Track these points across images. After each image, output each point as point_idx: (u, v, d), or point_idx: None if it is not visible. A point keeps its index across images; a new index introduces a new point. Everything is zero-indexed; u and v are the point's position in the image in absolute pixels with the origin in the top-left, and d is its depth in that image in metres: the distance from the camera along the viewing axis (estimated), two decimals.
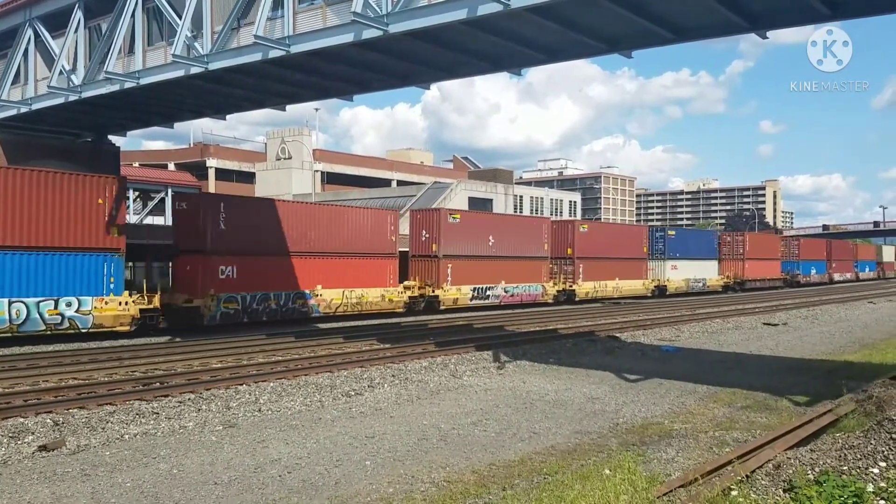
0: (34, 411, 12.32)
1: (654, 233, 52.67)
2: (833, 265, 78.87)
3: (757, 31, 16.54)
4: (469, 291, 36.59)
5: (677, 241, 53.10)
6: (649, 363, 18.79)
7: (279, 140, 78.17)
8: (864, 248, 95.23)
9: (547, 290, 41.82)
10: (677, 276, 52.15)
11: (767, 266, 63.76)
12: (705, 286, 55.53)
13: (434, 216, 36.17)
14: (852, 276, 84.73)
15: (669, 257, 51.44)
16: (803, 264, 71.47)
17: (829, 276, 77.44)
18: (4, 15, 27.46)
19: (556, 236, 43.19)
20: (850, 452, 8.04)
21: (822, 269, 76.07)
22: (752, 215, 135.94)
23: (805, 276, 71.53)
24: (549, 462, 9.48)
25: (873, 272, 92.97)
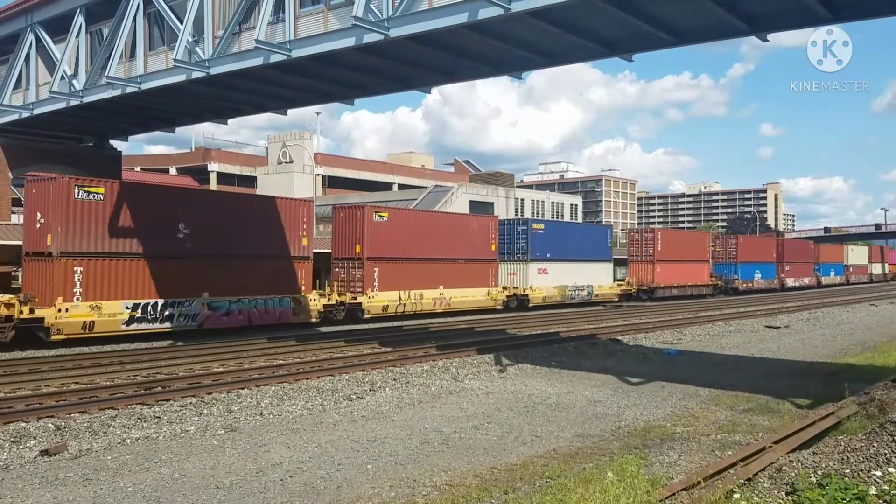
0: (36, 416, 12.31)
1: (514, 226, 41.02)
2: (786, 268, 68.67)
3: (757, 33, 16.58)
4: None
5: (548, 237, 41.36)
6: (651, 366, 18.76)
7: (280, 144, 78.17)
8: (829, 249, 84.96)
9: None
10: (547, 283, 40.77)
11: (690, 270, 53.74)
12: (591, 295, 44.64)
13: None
14: (812, 280, 74.12)
15: (535, 258, 40.05)
16: (743, 267, 61.17)
17: (781, 282, 67.10)
18: (6, 20, 27.56)
19: (342, 229, 32.03)
20: (853, 455, 8.03)
21: (769, 274, 65.58)
22: (754, 218, 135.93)
23: (746, 281, 61.10)
24: (552, 465, 9.47)
25: (840, 276, 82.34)
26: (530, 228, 40.54)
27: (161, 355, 20.06)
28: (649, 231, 53.66)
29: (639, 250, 50.89)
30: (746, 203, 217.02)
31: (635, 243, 51.68)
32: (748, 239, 70.75)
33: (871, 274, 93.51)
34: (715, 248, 60.50)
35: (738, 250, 61.14)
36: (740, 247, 61.76)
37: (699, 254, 56.30)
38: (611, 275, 47.61)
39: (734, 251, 61.06)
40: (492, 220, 39.06)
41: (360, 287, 30.67)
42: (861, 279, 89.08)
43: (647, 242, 51.02)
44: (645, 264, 50.36)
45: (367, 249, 30.96)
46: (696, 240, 59.59)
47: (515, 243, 40.23)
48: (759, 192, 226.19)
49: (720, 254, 60.37)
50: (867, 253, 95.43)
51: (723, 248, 61.29)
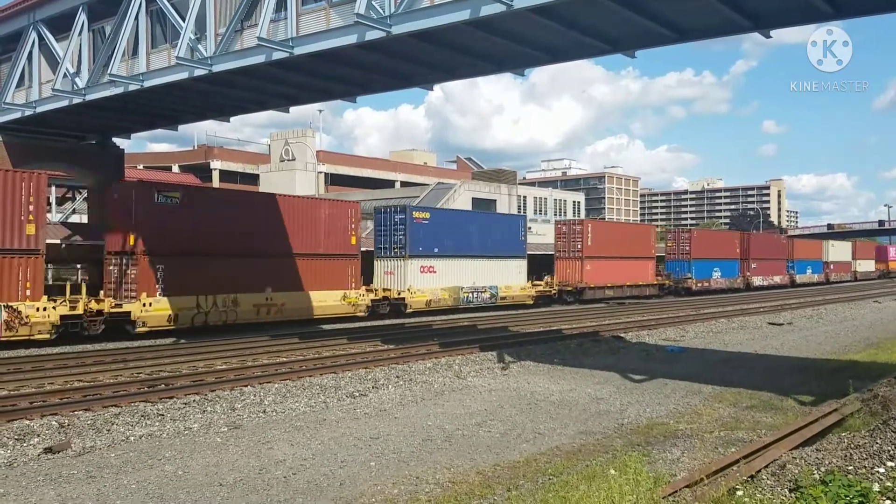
0: (39, 413, 12.35)
1: (391, 216, 33.79)
2: (751, 266, 61.43)
3: (760, 30, 16.53)
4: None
5: (436, 228, 34.56)
6: (654, 363, 18.76)
7: (283, 142, 78.23)
8: (805, 244, 77.91)
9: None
10: (434, 285, 34.12)
11: (629, 267, 47.43)
12: (496, 298, 37.86)
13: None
14: (784, 279, 67.16)
15: (417, 254, 33.48)
16: (699, 264, 54.29)
17: (745, 281, 60.25)
18: (8, 18, 27.55)
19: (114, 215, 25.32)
20: (856, 452, 8.02)
21: (731, 271, 58.80)
22: (757, 215, 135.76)
23: (701, 280, 54.23)
24: (554, 463, 9.48)
25: (818, 275, 75.03)
26: (409, 218, 33.57)
27: (164, 353, 20.10)
28: (577, 223, 45.75)
29: (566, 245, 44.36)
30: (749, 200, 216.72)
31: (562, 237, 44.73)
32: (704, 233, 63.63)
33: (856, 272, 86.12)
34: (667, 244, 55.07)
35: (692, 245, 54.16)
36: (694, 241, 54.74)
37: (641, 249, 49.39)
38: (524, 274, 40.47)
39: (687, 246, 54.11)
40: (351, 207, 31.76)
41: (133, 292, 23.92)
42: (844, 277, 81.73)
43: (575, 236, 44.05)
44: (572, 261, 43.85)
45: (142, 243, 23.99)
46: (638, 233, 52.36)
47: (392, 236, 33.62)
48: (763, 189, 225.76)
49: (673, 249, 54.33)
50: (851, 249, 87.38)
51: (675, 243, 54.73)
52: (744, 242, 61.67)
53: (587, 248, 43.93)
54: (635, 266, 48.33)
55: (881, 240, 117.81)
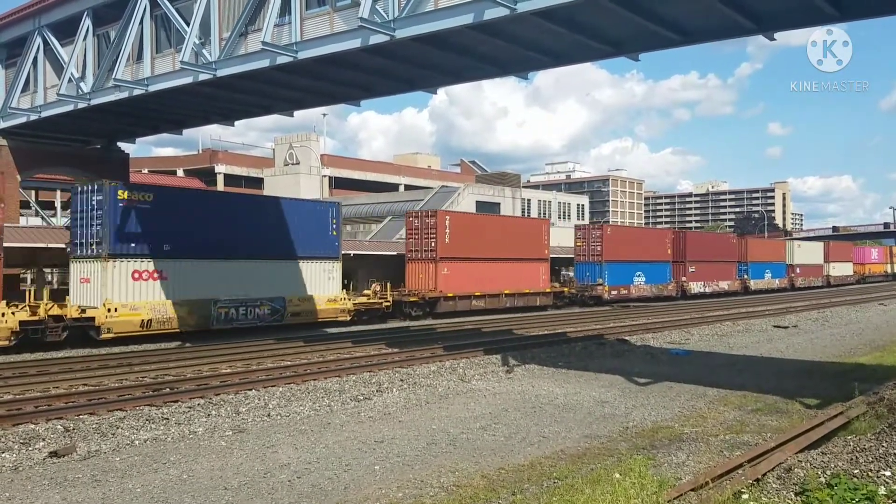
0: (45, 417, 12.37)
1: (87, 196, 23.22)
2: (689, 269, 51.79)
3: (764, 32, 16.53)
4: None
5: (165, 215, 24.13)
6: (659, 366, 18.72)
7: (287, 146, 78.40)
8: (761, 244, 68.42)
9: None
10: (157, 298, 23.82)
11: (510, 272, 37.49)
12: (282, 314, 27.29)
13: None
14: (735, 285, 57.64)
15: (124, 253, 23.10)
16: (613, 268, 44.76)
17: (680, 287, 50.77)
18: (14, 23, 27.69)
19: None
20: (862, 455, 8.00)
21: (661, 276, 49.19)
22: (762, 217, 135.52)
23: (617, 286, 44.91)
24: (559, 466, 9.46)
25: (780, 279, 65.18)
26: (113, 199, 22.75)
27: (169, 357, 20.12)
28: (430, 214, 34.50)
29: (419, 244, 34.02)
30: (754, 202, 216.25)
31: (414, 234, 34.27)
32: (620, 230, 53.81)
33: (829, 276, 75.53)
34: (575, 243, 45.96)
35: (605, 244, 44.45)
36: (608, 239, 44.89)
37: (529, 249, 39.39)
38: (337, 281, 29.75)
39: (598, 246, 44.52)
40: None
41: None
42: (814, 282, 71.81)
43: (429, 231, 33.66)
44: (425, 264, 33.79)
45: None
46: (524, 230, 40.73)
47: (89, 227, 23.20)
48: (767, 192, 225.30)
49: (582, 250, 45.32)
50: (822, 250, 76.74)
51: (584, 242, 45.32)
52: (678, 242, 52.13)
53: (443, 247, 33.61)
54: (519, 270, 38.35)
55: (886, 242, 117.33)
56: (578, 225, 47.18)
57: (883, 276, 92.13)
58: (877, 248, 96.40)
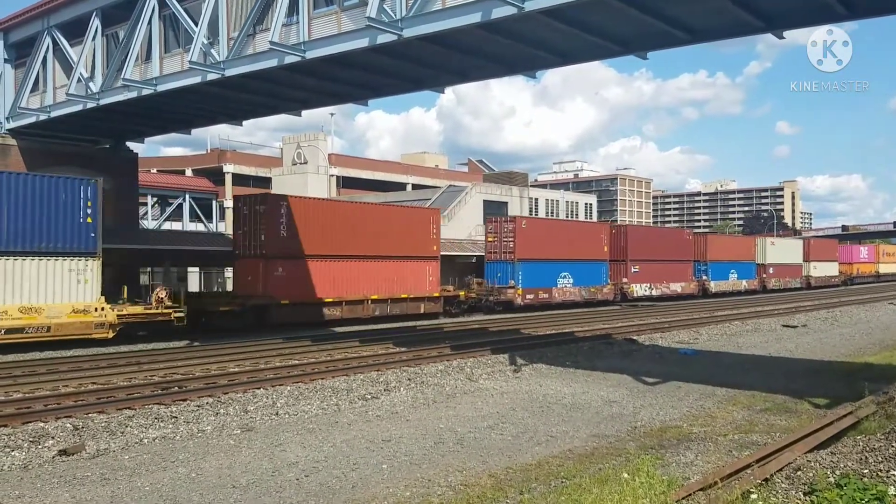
0: (54, 416, 12.42)
1: None
2: (632, 269, 45.40)
3: (773, 31, 16.47)
4: None
5: None
6: (667, 366, 18.67)
7: (295, 145, 78.50)
8: (726, 241, 62.33)
9: None
10: None
11: (381, 273, 30.85)
12: None
13: None
14: (690, 287, 50.68)
15: None
16: (530, 268, 37.86)
17: (619, 291, 44.40)
18: (23, 23, 27.83)
19: None
20: (872, 455, 7.96)
21: (592, 277, 42.29)
22: (771, 216, 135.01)
23: (536, 289, 38.12)
24: (567, 466, 9.45)
25: (748, 280, 58.28)
26: None
27: (178, 355, 20.19)
28: (261, 200, 27.47)
29: (248, 239, 27.32)
30: (763, 202, 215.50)
31: (243, 223, 27.51)
32: (539, 223, 43.54)
33: (809, 276, 68.10)
34: (487, 239, 39.08)
35: (518, 240, 37.41)
36: (521, 235, 37.61)
37: (411, 245, 32.53)
38: (92, 285, 22.09)
39: (511, 241, 37.59)
40: None
41: None
42: (790, 284, 64.38)
43: (260, 220, 26.93)
44: (253, 262, 27.13)
45: None
46: (402, 221, 32.96)
47: None
48: (776, 191, 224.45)
49: (494, 247, 38.19)
50: (802, 248, 69.17)
51: (496, 238, 38.19)
52: (618, 238, 45.36)
53: (276, 241, 26.96)
54: (397, 271, 31.66)
55: (895, 241, 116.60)
56: (489, 217, 39.83)
57: (873, 277, 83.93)
58: (866, 246, 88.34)
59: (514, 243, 37.56)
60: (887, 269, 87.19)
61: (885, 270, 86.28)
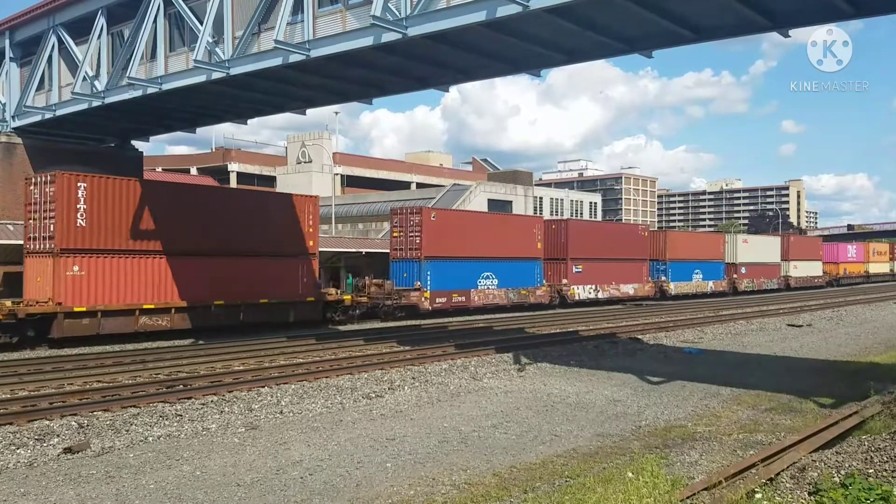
0: (59, 414, 12.46)
1: None
2: (573, 269, 40.45)
3: (778, 29, 16.39)
4: None
5: None
6: (672, 365, 18.65)
7: (300, 144, 78.68)
8: (689, 238, 56.55)
9: None
10: None
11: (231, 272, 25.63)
12: None
13: None
14: (645, 289, 45.96)
15: None
16: (443, 267, 32.94)
17: (556, 293, 39.47)
18: (29, 22, 27.89)
19: None
20: (877, 455, 7.94)
21: (526, 278, 37.64)
22: (776, 215, 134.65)
23: (449, 292, 33.28)
24: (571, 465, 9.44)
25: (716, 282, 53.09)
26: None
27: (183, 354, 20.22)
28: (51, 181, 22.19)
29: (38, 226, 22.49)
30: (768, 201, 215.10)
31: (33, 210, 22.62)
32: (454, 216, 37.52)
33: (789, 277, 62.70)
34: (392, 234, 34.18)
35: (425, 236, 32.47)
36: (430, 229, 32.64)
37: (277, 240, 27.51)
38: None
39: (417, 237, 32.51)
40: None
41: None
42: (766, 285, 59.18)
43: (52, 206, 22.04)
44: (42, 260, 22.36)
45: None
46: (265, 209, 27.90)
47: None
48: (782, 190, 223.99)
49: (400, 243, 33.21)
50: (779, 246, 62.98)
51: (402, 233, 33.13)
52: (558, 234, 40.54)
53: (71, 232, 22.07)
54: (256, 271, 26.46)
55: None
56: (395, 208, 35.20)
57: (863, 278, 77.47)
58: (855, 244, 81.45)
59: (421, 238, 32.44)
60: (878, 268, 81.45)
61: (875, 270, 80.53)
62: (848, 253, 75.59)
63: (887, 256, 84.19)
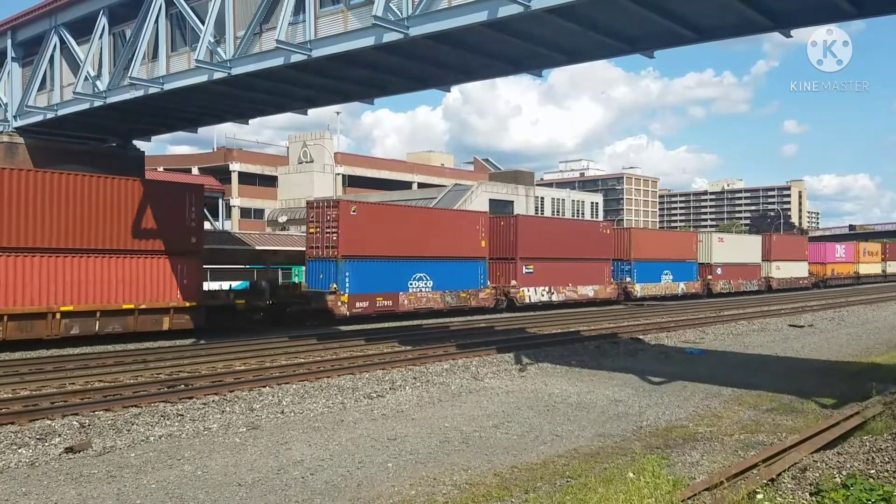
0: (61, 413, 12.48)
1: None
2: (523, 270, 36.97)
3: (780, 29, 16.36)
4: None
5: None
6: (673, 365, 18.64)
7: (301, 144, 78.63)
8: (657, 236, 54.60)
9: None
10: None
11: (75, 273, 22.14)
12: None
13: None
14: (607, 291, 42.46)
15: None
16: (364, 267, 29.37)
17: (503, 295, 36.23)
18: (30, 22, 27.90)
19: None
20: (878, 455, 7.93)
21: (467, 279, 34.11)
22: (778, 215, 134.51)
23: (373, 295, 29.55)
24: (572, 465, 9.44)
25: (687, 283, 49.61)
26: None
27: (184, 353, 20.24)
28: None
29: None
30: (770, 201, 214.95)
31: None
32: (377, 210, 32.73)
33: (770, 278, 59.16)
34: (308, 230, 30.02)
35: (342, 231, 28.73)
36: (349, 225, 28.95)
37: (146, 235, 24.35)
38: None
39: (334, 234, 28.84)
40: None
41: None
42: (744, 286, 55.61)
43: None
44: None
45: None
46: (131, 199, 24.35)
47: None
48: (783, 190, 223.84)
49: (317, 240, 29.25)
50: (760, 246, 59.49)
51: (318, 228, 29.26)
52: (506, 232, 37.13)
53: None
54: (122, 270, 23.33)
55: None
56: (310, 201, 31.81)
57: (852, 279, 73.38)
58: (844, 244, 77.41)
59: (339, 236, 28.81)
60: (869, 269, 77.06)
61: (866, 271, 76.10)
62: (836, 253, 72.06)
63: (879, 257, 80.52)
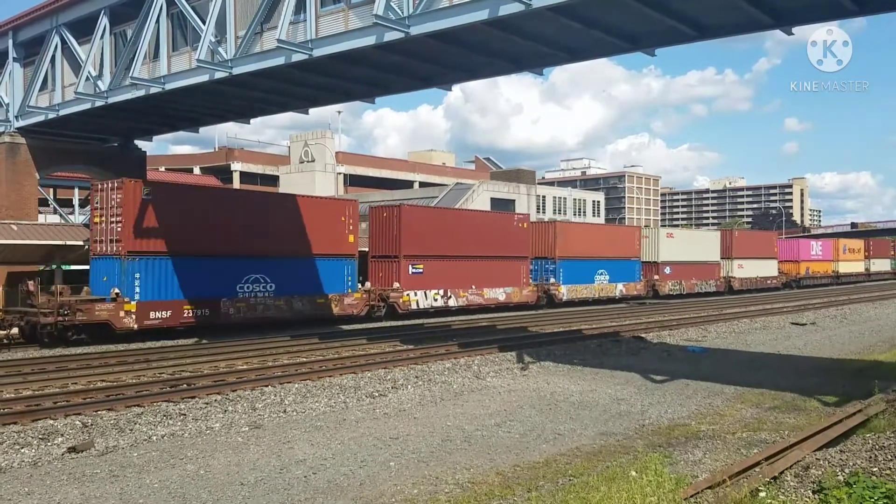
0: (63, 413, 12.48)
1: None
2: (409, 270, 31.38)
3: (782, 27, 16.37)
4: None
5: None
6: (675, 364, 18.62)
7: (302, 143, 78.69)
8: (590, 230, 47.43)
9: None
10: None
11: None
12: None
13: None
14: (523, 294, 36.92)
15: None
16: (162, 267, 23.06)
17: (378, 300, 30.61)
18: (32, 22, 27.96)
19: None
20: (881, 453, 7.92)
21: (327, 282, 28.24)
22: (779, 213, 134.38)
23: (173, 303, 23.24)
24: (575, 463, 9.43)
25: (628, 283, 44.36)
26: None
27: (187, 353, 20.24)
28: None
29: None
30: (772, 199, 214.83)
31: None
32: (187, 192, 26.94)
33: (731, 278, 53.18)
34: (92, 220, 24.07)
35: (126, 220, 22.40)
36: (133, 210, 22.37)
37: None
38: None
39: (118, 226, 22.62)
40: None
41: None
42: (699, 287, 49.80)
43: None
44: None
45: None
46: None
47: None
48: (785, 188, 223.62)
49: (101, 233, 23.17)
50: (718, 242, 53.45)
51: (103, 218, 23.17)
52: (389, 225, 31.85)
53: None
54: None
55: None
56: (94, 183, 25.66)
57: (831, 278, 66.99)
58: (821, 240, 71.99)
59: (123, 226, 22.49)
60: (850, 268, 71.06)
61: (846, 270, 70.03)
62: (812, 250, 65.81)
63: (861, 254, 74.68)
